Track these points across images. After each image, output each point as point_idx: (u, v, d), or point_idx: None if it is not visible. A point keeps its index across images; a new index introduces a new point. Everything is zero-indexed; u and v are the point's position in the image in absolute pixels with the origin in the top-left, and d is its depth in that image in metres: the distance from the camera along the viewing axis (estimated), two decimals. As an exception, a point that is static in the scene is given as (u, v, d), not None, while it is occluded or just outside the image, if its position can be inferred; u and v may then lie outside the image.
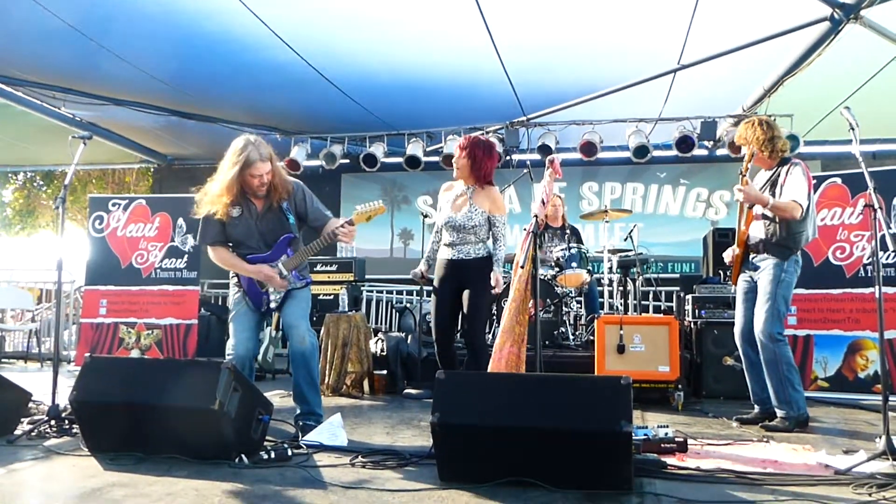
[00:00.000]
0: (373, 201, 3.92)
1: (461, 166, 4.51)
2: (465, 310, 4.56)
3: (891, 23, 5.82)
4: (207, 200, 3.80)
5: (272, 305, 3.92)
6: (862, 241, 5.68)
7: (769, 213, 4.14)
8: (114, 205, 7.45)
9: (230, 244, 3.94)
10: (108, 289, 7.27)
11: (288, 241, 3.91)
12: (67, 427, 3.68)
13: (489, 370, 4.11)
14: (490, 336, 6.02)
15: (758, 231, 4.23)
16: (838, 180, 5.88)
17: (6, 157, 11.87)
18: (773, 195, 4.12)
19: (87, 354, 3.52)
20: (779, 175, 4.16)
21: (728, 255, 4.47)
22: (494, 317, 6.36)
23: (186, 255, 7.25)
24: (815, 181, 5.85)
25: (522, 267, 3.93)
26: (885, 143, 9.32)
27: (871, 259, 5.63)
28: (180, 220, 7.30)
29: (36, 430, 3.62)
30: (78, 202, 14.24)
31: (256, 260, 3.88)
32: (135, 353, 7.06)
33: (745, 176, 4.16)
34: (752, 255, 4.27)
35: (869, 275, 5.61)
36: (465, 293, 4.52)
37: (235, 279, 3.99)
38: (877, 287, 3.34)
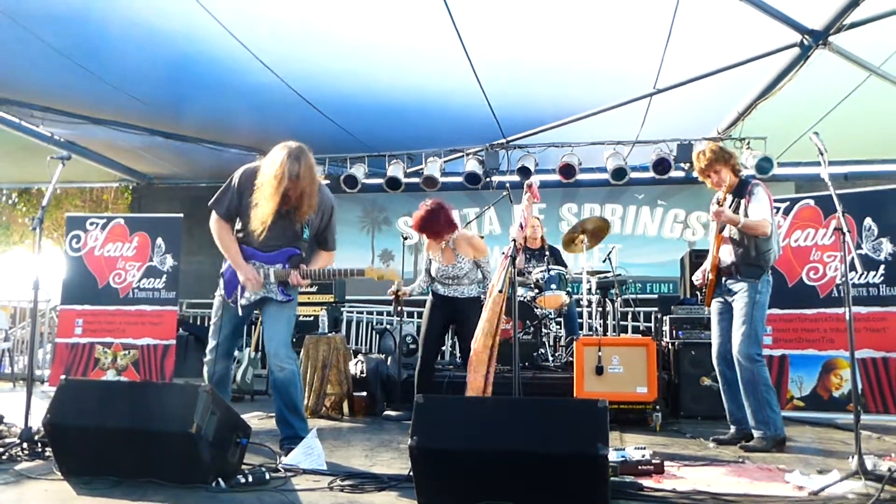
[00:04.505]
0: (393, 268, 4.27)
1: (429, 242, 5.06)
2: (464, 342, 5.03)
3: (858, 48, 6.00)
4: (260, 195, 3.73)
5: (242, 303, 3.92)
6: (834, 261, 5.78)
7: (736, 236, 4.23)
8: (91, 224, 7.38)
9: (240, 221, 3.92)
10: (85, 308, 7.18)
11: (290, 255, 3.93)
12: (40, 450, 3.59)
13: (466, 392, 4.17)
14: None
15: (727, 254, 4.31)
16: (811, 202, 5.99)
17: (-18, 175, 11.74)
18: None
19: (63, 377, 3.47)
20: (740, 198, 4.26)
21: (697, 278, 4.54)
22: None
23: (165, 275, 7.19)
24: (788, 203, 6.03)
25: (500, 291, 3.96)
26: (856, 165, 9.53)
27: (843, 280, 5.73)
28: (159, 240, 7.25)
29: (7, 454, 3.54)
30: (54, 220, 14.05)
31: (254, 255, 3.89)
32: (111, 374, 6.97)
33: (722, 199, 4.28)
34: (724, 279, 4.34)
35: (842, 295, 5.70)
36: (462, 327, 5.00)
37: (221, 281, 4.01)
38: (847, 308, 3.41)
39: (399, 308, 5.65)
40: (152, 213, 8.99)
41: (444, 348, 7.00)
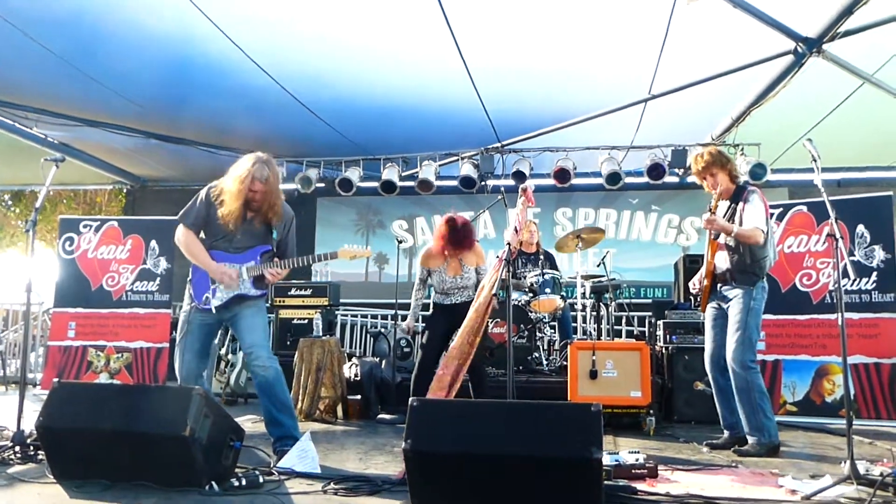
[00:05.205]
0: (362, 247, 4.18)
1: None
2: None
3: (852, 56, 6.03)
4: (226, 196, 3.87)
5: (215, 303, 3.92)
6: (827, 268, 5.80)
7: (731, 243, 4.23)
8: (85, 226, 7.35)
9: (209, 232, 4.01)
10: (78, 311, 7.15)
11: (261, 251, 4.00)
12: (33, 454, 3.60)
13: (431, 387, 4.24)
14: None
15: (722, 261, 4.31)
16: (804, 208, 6.01)
17: (-25, 177, 11.69)
18: (733, 223, 4.22)
19: (56, 379, 3.46)
20: (736, 204, 4.27)
21: (693, 285, 4.55)
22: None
23: (159, 278, 7.16)
24: (781, 209, 6.06)
25: (495, 294, 3.98)
26: (849, 172, 9.58)
27: (836, 286, 5.76)
28: (153, 243, 7.23)
29: (-1, 457, 3.55)
30: (47, 222, 14.00)
31: (224, 259, 3.94)
32: (104, 377, 6.94)
33: (713, 207, 4.29)
34: (719, 285, 4.34)
35: (834, 301, 5.72)
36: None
37: (190, 290, 4.03)
38: (839, 314, 3.43)
39: (405, 327, 5.71)
40: (146, 216, 8.96)
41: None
